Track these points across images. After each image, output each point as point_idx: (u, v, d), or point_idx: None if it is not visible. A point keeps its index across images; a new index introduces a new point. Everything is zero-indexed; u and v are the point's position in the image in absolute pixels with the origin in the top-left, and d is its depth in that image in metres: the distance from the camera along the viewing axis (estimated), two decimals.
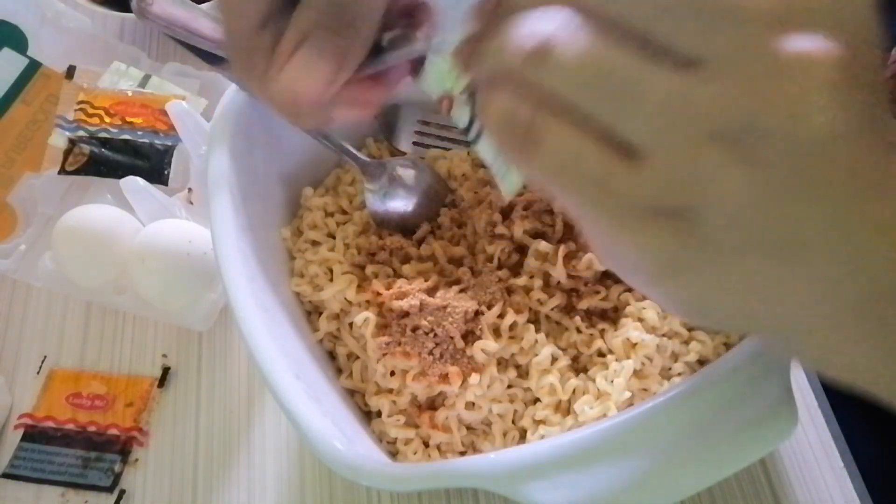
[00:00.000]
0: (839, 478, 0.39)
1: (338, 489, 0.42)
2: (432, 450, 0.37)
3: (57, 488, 0.45)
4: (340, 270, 0.39)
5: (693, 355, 0.36)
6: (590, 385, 0.35)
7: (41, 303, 0.52)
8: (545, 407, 0.35)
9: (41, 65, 0.55)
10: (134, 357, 0.49)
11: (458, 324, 0.36)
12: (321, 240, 0.41)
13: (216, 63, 0.38)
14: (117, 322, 0.50)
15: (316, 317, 0.40)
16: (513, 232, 0.38)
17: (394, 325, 0.37)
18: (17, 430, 0.47)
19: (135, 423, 0.46)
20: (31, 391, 0.48)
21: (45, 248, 0.49)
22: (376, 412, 0.38)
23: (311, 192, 0.43)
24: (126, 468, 0.45)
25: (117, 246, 0.46)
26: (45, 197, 0.53)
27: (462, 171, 0.43)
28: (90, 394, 0.47)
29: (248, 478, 0.43)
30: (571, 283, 0.38)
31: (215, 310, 0.48)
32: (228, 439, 0.45)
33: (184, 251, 0.45)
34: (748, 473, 0.40)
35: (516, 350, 0.36)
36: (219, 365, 0.48)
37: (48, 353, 0.50)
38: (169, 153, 0.52)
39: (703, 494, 0.39)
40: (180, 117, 0.46)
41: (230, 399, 0.46)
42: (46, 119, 0.54)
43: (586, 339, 0.36)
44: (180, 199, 0.49)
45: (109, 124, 0.53)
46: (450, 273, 0.39)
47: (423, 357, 0.36)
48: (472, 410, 0.36)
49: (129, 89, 0.54)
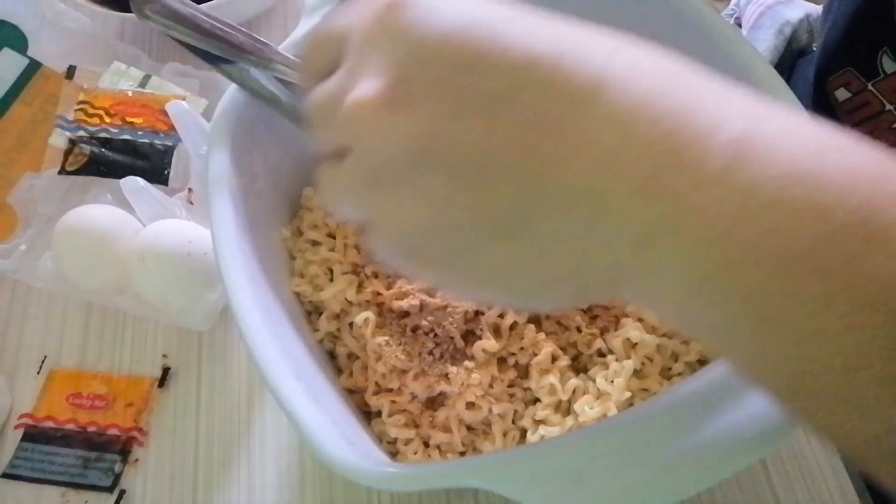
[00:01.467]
0: (839, 478, 0.39)
1: (338, 489, 0.42)
2: (432, 450, 0.37)
3: (57, 488, 0.45)
4: (341, 270, 0.39)
5: (693, 355, 0.36)
6: (590, 385, 0.35)
7: (41, 303, 0.52)
8: (545, 407, 0.35)
9: (41, 65, 0.55)
10: (134, 357, 0.49)
11: (458, 324, 0.36)
12: (321, 240, 0.41)
13: (216, 63, 0.38)
14: (117, 322, 0.50)
15: (316, 317, 0.40)
16: None
17: (394, 325, 0.37)
18: (17, 430, 0.47)
19: (135, 423, 0.46)
20: (31, 391, 0.48)
21: (46, 249, 0.49)
22: (376, 412, 0.38)
23: (312, 192, 0.43)
24: (126, 468, 0.45)
25: (117, 246, 0.46)
26: (45, 197, 0.53)
27: None
28: (90, 394, 0.47)
29: (248, 478, 0.43)
30: None
31: (215, 310, 0.48)
32: (228, 439, 0.45)
33: (184, 251, 0.45)
34: (748, 473, 0.40)
35: (516, 350, 0.36)
36: (219, 365, 0.48)
37: (48, 354, 0.50)
38: (169, 153, 0.52)
39: (703, 494, 0.39)
40: (180, 117, 0.46)
41: (230, 399, 0.46)
42: (46, 119, 0.54)
43: (586, 339, 0.36)
44: (180, 199, 0.49)
45: (109, 124, 0.53)
46: None
47: (423, 357, 0.36)
48: (472, 410, 0.36)
49: (129, 89, 0.54)
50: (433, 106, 0.20)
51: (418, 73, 0.21)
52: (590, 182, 0.20)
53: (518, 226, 0.21)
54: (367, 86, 0.21)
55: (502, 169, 0.20)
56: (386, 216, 0.23)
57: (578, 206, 0.20)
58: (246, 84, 0.39)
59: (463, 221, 0.21)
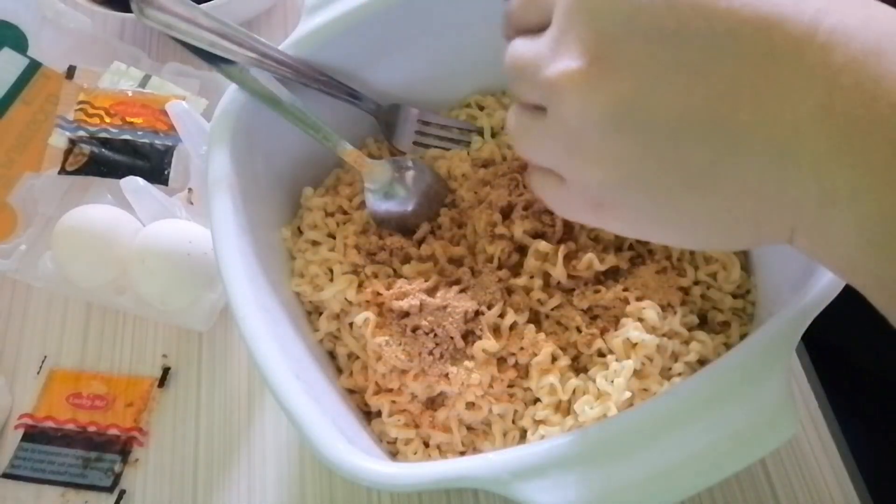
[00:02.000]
0: (839, 478, 0.39)
1: (338, 489, 0.42)
2: (432, 450, 0.37)
3: (57, 488, 0.45)
4: (340, 270, 0.39)
5: (693, 355, 0.36)
6: (590, 385, 0.35)
7: (41, 303, 0.52)
8: (545, 407, 0.35)
9: (41, 65, 0.55)
10: (134, 357, 0.49)
11: (458, 324, 0.36)
12: (321, 240, 0.41)
13: (216, 63, 0.38)
14: (117, 322, 0.50)
15: (316, 317, 0.40)
16: (513, 232, 0.38)
17: (394, 325, 0.37)
18: (17, 430, 0.47)
19: (135, 423, 0.46)
20: (31, 391, 0.48)
21: (45, 248, 0.49)
22: (376, 412, 0.38)
23: (311, 192, 0.43)
24: (126, 468, 0.45)
25: (117, 246, 0.46)
26: (45, 197, 0.53)
27: (462, 171, 0.43)
28: (90, 394, 0.47)
29: (248, 478, 0.43)
30: (571, 283, 0.38)
31: (215, 310, 0.48)
32: (228, 439, 0.45)
33: (184, 251, 0.45)
34: (748, 473, 0.40)
35: (516, 350, 0.36)
36: (219, 365, 0.48)
37: (48, 353, 0.50)
38: (169, 153, 0.52)
39: (703, 494, 0.39)
40: (180, 117, 0.46)
41: (230, 399, 0.46)
42: (46, 119, 0.54)
43: (586, 339, 0.36)
44: (180, 199, 0.49)
45: (110, 124, 0.53)
46: (450, 273, 0.39)
47: (423, 357, 0.36)
48: (472, 410, 0.36)
49: (129, 89, 0.54)
50: (634, 77, 0.22)
51: (621, 46, 0.22)
52: (783, 145, 0.21)
53: (708, 180, 0.23)
54: (571, 58, 0.23)
55: (699, 131, 0.22)
56: (580, 174, 0.25)
57: (770, 164, 0.21)
58: (246, 84, 0.39)
59: (654, 177, 0.23)
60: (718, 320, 0.38)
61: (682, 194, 0.23)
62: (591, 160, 0.24)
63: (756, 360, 0.28)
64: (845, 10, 0.20)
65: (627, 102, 0.22)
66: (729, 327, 0.38)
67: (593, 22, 0.22)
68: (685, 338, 0.37)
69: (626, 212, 0.25)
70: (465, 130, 0.45)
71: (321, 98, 0.41)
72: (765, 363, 0.28)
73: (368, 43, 0.42)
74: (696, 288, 0.39)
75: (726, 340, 0.37)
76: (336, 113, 0.42)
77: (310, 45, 0.40)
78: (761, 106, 0.21)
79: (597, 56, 0.22)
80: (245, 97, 0.39)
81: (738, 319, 0.38)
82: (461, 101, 0.47)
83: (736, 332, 0.38)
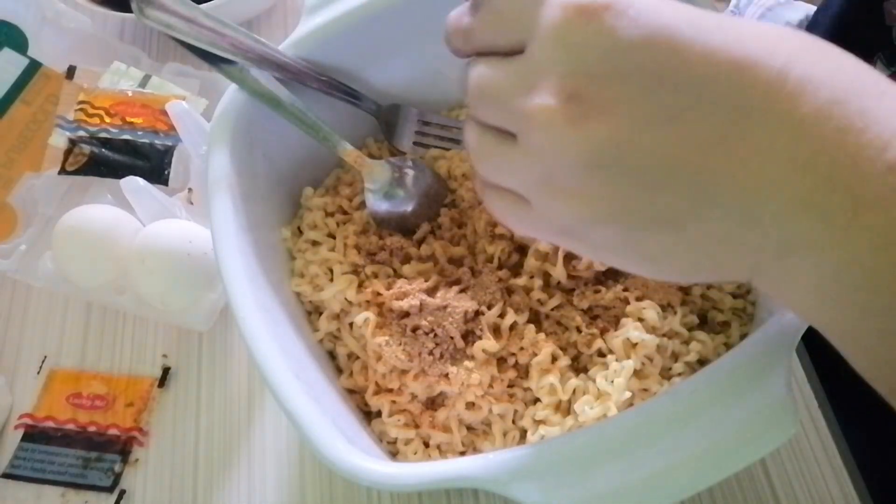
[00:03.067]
0: (839, 478, 0.39)
1: (338, 489, 0.42)
2: (432, 450, 0.37)
3: (57, 488, 0.45)
4: (340, 270, 0.39)
5: (693, 355, 0.36)
6: (590, 385, 0.35)
7: (41, 303, 0.52)
8: (545, 407, 0.35)
9: (41, 65, 0.55)
10: (134, 357, 0.49)
11: (458, 324, 0.36)
12: (321, 240, 0.41)
13: (216, 63, 0.38)
14: (117, 322, 0.50)
15: (316, 317, 0.40)
16: (513, 232, 0.38)
17: (394, 325, 0.37)
18: (17, 430, 0.47)
19: (135, 423, 0.46)
20: (31, 391, 0.48)
21: (45, 248, 0.49)
22: (376, 412, 0.38)
23: (311, 192, 0.43)
24: (126, 468, 0.45)
25: (117, 246, 0.46)
26: (45, 197, 0.53)
27: (462, 171, 0.43)
28: (90, 394, 0.47)
29: (248, 478, 0.43)
30: (571, 283, 0.38)
31: (215, 310, 0.48)
32: (228, 439, 0.45)
33: (184, 251, 0.45)
34: (748, 473, 0.40)
35: (516, 350, 0.36)
36: (219, 365, 0.48)
37: (48, 353, 0.50)
38: (169, 153, 0.52)
39: (703, 494, 0.39)
40: (180, 117, 0.46)
41: (230, 399, 0.46)
42: (47, 119, 0.54)
43: (586, 339, 0.36)
44: (180, 199, 0.49)
45: (110, 124, 0.53)
46: (450, 273, 0.39)
47: (423, 357, 0.36)
48: (472, 410, 0.36)
49: (129, 89, 0.54)
50: (613, 121, 0.22)
51: (600, 85, 0.22)
52: (750, 195, 0.21)
53: (676, 224, 0.23)
54: (550, 94, 0.22)
55: (672, 179, 0.22)
56: (548, 206, 0.25)
57: (735, 212, 0.22)
58: (246, 84, 0.39)
59: (624, 217, 0.23)
60: (718, 320, 0.38)
61: (648, 234, 0.24)
62: (563, 196, 0.24)
63: (756, 360, 0.28)
64: (815, 58, 0.21)
65: (604, 146, 0.22)
66: (729, 327, 0.38)
67: (573, 58, 0.22)
68: (685, 338, 0.37)
69: (592, 242, 0.25)
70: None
71: (321, 98, 0.41)
72: (765, 363, 0.28)
73: (368, 43, 0.42)
74: (696, 288, 0.39)
75: (726, 340, 0.37)
76: (336, 113, 0.42)
77: (310, 45, 0.40)
78: (732, 157, 0.21)
79: (575, 94, 0.22)
80: (245, 97, 0.39)
81: (738, 319, 0.38)
82: (461, 101, 0.47)
83: (736, 332, 0.38)
